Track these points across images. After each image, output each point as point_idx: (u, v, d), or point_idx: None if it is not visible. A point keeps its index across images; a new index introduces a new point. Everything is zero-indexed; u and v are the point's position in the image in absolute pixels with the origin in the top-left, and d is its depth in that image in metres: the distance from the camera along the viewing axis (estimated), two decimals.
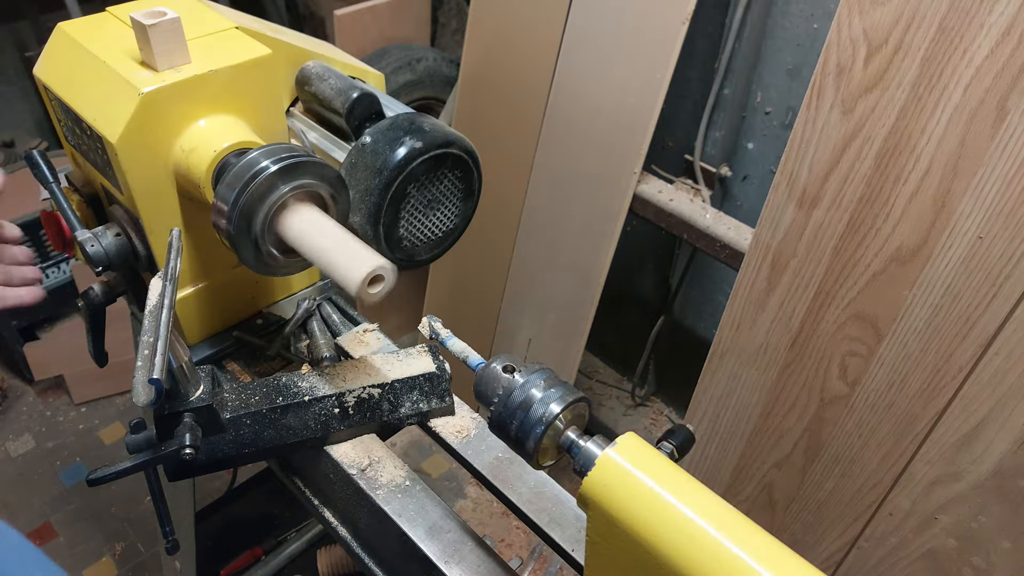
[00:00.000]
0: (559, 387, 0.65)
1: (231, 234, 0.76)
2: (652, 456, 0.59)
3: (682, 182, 1.85)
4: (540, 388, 0.65)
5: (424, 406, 0.91)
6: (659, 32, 1.51)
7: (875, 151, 1.13)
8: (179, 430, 0.77)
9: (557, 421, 0.63)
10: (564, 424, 0.64)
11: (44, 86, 0.89)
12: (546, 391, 0.64)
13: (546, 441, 0.64)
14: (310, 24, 2.91)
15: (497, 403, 0.66)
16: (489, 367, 0.69)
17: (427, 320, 0.79)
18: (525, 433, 0.64)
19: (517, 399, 0.65)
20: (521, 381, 0.65)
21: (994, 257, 1.04)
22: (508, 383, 0.66)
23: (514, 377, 0.66)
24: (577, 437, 0.64)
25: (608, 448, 0.59)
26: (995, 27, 0.98)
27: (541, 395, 0.64)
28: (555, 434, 0.64)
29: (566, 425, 0.64)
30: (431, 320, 0.79)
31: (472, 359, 0.73)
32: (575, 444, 0.64)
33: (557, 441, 0.64)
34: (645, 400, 2.53)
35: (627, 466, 0.58)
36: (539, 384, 0.65)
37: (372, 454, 0.88)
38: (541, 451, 0.64)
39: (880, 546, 1.30)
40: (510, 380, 0.66)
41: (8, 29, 2.77)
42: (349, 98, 0.88)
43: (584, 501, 0.60)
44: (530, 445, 0.64)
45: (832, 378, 1.28)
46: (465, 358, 0.74)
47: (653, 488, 0.56)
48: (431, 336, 0.79)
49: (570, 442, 0.64)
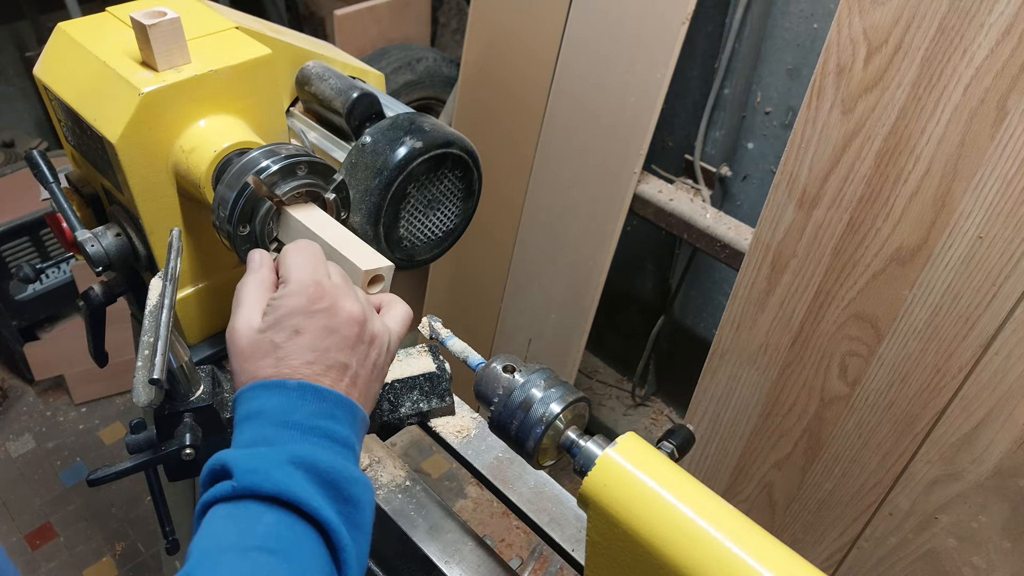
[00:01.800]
0: (559, 387, 0.65)
1: (231, 234, 0.76)
2: (652, 456, 0.59)
3: (682, 182, 1.85)
4: (540, 388, 0.65)
5: (424, 406, 0.91)
6: (659, 32, 1.51)
7: (875, 151, 1.13)
8: (179, 430, 0.77)
9: (557, 421, 0.63)
10: (564, 424, 0.64)
11: (44, 86, 0.89)
12: (546, 391, 0.64)
13: (546, 441, 0.64)
14: (310, 24, 2.91)
15: (497, 403, 0.66)
16: (489, 367, 0.69)
17: (427, 320, 0.79)
18: (525, 433, 0.64)
19: (517, 399, 0.65)
20: (521, 381, 0.66)
21: (994, 257, 1.04)
22: (508, 383, 0.66)
23: (514, 377, 0.66)
24: (577, 437, 0.64)
25: (608, 448, 0.60)
26: (995, 27, 0.98)
27: (541, 395, 0.64)
28: (555, 434, 0.64)
29: (566, 425, 0.65)
30: (431, 320, 0.79)
31: (472, 359, 0.73)
32: (575, 444, 0.64)
33: (557, 441, 0.64)
34: (645, 400, 2.53)
35: (627, 466, 0.58)
36: (539, 384, 0.65)
37: (372, 454, 0.88)
38: (541, 451, 0.64)
39: (880, 546, 1.30)
40: (510, 380, 0.66)
41: (8, 29, 2.77)
42: (349, 98, 0.88)
43: (584, 501, 0.60)
44: (530, 445, 0.64)
45: (832, 378, 1.28)
46: (465, 358, 0.74)
47: (653, 488, 0.56)
48: (431, 336, 0.79)
49: (570, 442, 0.64)
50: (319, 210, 0.78)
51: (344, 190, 0.81)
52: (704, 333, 2.25)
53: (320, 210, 0.79)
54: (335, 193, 0.80)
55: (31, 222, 2.32)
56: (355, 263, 0.70)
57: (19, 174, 2.49)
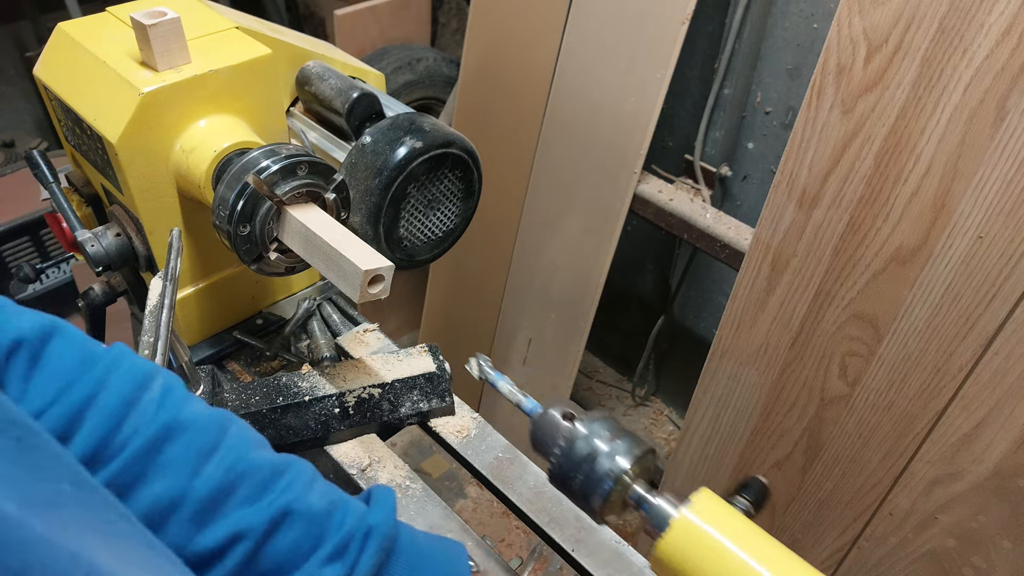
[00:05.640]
0: (625, 438, 0.61)
1: (231, 234, 0.76)
2: (730, 515, 0.56)
3: (682, 182, 1.85)
4: (605, 440, 0.60)
5: (424, 406, 0.91)
6: (659, 32, 1.51)
7: (875, 151, 1.13)
8: None
9: (625, 476, 0.60)
10: (632, 478, 0.60)
11: (44, 86, 0.89)
12: (612, 443, 0.60)
13: (613, 496, 0.60)
14: (310, 24, 2.91)
15: (559, 455, 0.62)
16: (547, 414, 0.64)
17: (475, 360, 0.74)
18: (591, 488, 0.60)
19: (581, 451, 0.60)
20: (584, 432, 0.61)
21: (994, 257, 1.04)
22: (569, 432, 0.62)
23: (575, 426, 0.62)
24: (646, 492, 0.60)
25: (684, 508, 0.56)
26: (995, 27, 0.98)
27: (607, 448, 0.60)
28: (623, 489, 0.60)
29: (633, 479, 0.60)
30: (479, 359, 0.74)
31: (525, 404, 0.68)
32: (644, 500, 0.59)
33: (624, 496, 0.60)
34: (645, 400, 2.54)
35: (707, 528, 0.54)
36: (603, 435, 0.61)
37: (372, 454, 0.88)
38: (607, 507, 0.60)
39: (880, 546, 1.30)
40: (571, 429, 0.62)
41: (8, 29, 2.77)
42: (349, 98, 0.88)
43: (660, 565, 0.56)
44: (596, 502, 0.60)
45: (832, 378, 1.28)
46: (517, 402, 0.69)
47: (736, 554, 0.53)
48: (480, 377, 0.73)
49: (639, 497, 0.60)
50: (319, 210, 0.78)
51: (344, 190, 0.81)
52: (704, 333, 2.25)
53: (320, 210, 0.79)
54: (335, 193, 0.80)
55: (31, 222, 2.32)
56: (355, 263, 0.70)
57: (19, 174, 2.49)
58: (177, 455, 0.52)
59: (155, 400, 0.53)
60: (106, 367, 0.53)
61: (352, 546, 0.56)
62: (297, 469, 0.58)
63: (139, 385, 0.53)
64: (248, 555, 0.53)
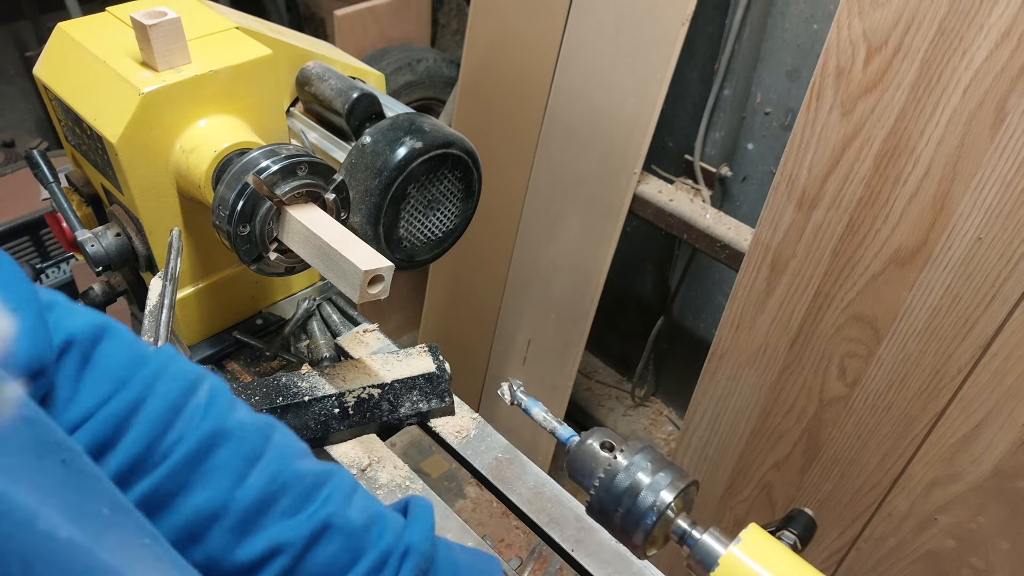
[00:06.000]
0: (668, 470, 0.59)
1: (231, 234, 0.76)
2: (779, 552, 0.54)
3: (682, 182, 1.85)
4: (647, 472, 0.59)
5: (424, 406, 0.91)
6: (659, 32, 1.51)
7: (874, 152, 1.13)
8: None
9: (668, 510, 0.58)
10: (675, 512, 0.59)
11: (44, 86, 0.89)
12: (654, 476, 0.59)
13: (656, 531, 0.58)
14: (310, 24, 2.92)
15: (599, 487, 0.60)
16: (585, 444, 0.63)
17: (507, 385, 0.73)
18: (634, 523, 0.58)
19: (622, 484, 0.59)
20: (624, 463, 0.60)
21: (993, 258, 1.04)
22: (609, 464, 0.60)
23: (615, 457, 0.60)
24: (689, 527, 0.58)
25: (732, 546, 0.55)
26: (994, 29, 0.98)
27: (649, 480, 0.58)
28: (665, 523, 0.59)
29: (677, 513, 0.59)
30: (512, 383, 0.72)
31: (561, 432, 0.67)
32: (689, 536, 0.58)
33: (667, 530, 0.59)
34: (645, 400, 2.54)
35: (756, 568, 0.53)
36: (645, 467, 0.59)
37: (372, 454, 0.88)
38: (649, 542, 0.59)
39: (879, 547, 1.30)
40: (611, 461, 0.60)
41: (8, 29, 2.77)
42: (349, 98, 0.88)
43: None
44: (639, 537, 0.58)
45: (831, 379, 1.28)
46: (552, 430, 0.67)
47: None
48: (512, 402, 0.72)
49: (682, 531, 0.58)
50: (319, 210, 0.79)
51: (344, 190, 0.81)
52: (704, 333, 2.25)
53: (320, 210, 0.79)
54: (335, 193, 0.80)
55: (31, 222, 2.31)
56: (355, 263, 0.70)
57: (19, 174, 2.49)
58: (221, 464, 0.52)
59: (201, 407, 0.53)
60: (154, 371, 0.52)
61: (391, 562, 0.56)
62: (337, 481, 0.58)
63: (186, 391, 0.53)
64: (285, 570, 0.52)
